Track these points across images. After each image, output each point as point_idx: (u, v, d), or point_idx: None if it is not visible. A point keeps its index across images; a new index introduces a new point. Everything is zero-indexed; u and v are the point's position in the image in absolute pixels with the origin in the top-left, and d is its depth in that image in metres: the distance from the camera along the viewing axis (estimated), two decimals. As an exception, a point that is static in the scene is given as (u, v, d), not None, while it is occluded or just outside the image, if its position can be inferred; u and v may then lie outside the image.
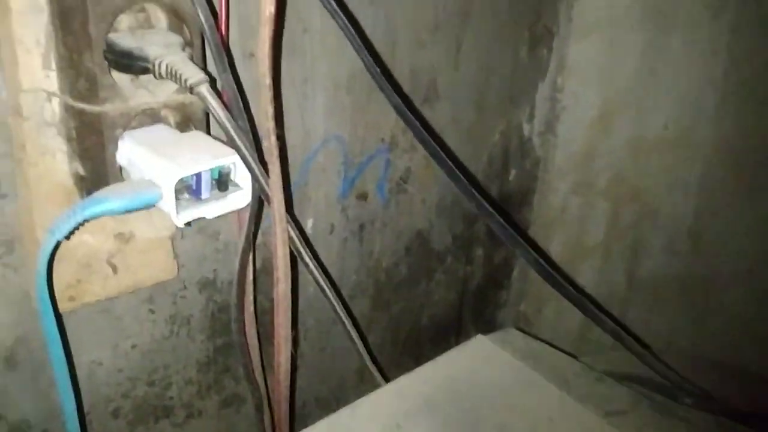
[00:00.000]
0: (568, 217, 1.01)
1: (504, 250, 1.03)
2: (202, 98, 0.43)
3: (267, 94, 0.40)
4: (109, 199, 0.43)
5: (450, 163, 0.54)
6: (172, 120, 0.49)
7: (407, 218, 0.86)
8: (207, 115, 0.49)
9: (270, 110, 0.41)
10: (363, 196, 0.79)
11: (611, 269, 1.01)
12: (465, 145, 0.89)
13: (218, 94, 0.44)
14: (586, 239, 1.02)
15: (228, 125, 0.43)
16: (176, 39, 0.47)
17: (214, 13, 0.48)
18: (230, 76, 0.42)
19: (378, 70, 0.46)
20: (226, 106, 0.44)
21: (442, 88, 0.82)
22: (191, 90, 0.43)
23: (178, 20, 0.46)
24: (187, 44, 0.47)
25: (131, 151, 0.46)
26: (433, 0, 0.77)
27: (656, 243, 0.96)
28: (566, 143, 0.98)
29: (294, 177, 0.70)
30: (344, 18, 0.44)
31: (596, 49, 0.92)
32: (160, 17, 0.47)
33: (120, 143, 0.47)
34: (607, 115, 0.95)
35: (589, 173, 0.99)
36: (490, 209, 0.55)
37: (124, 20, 0.46)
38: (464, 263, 0.97)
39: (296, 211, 0.72)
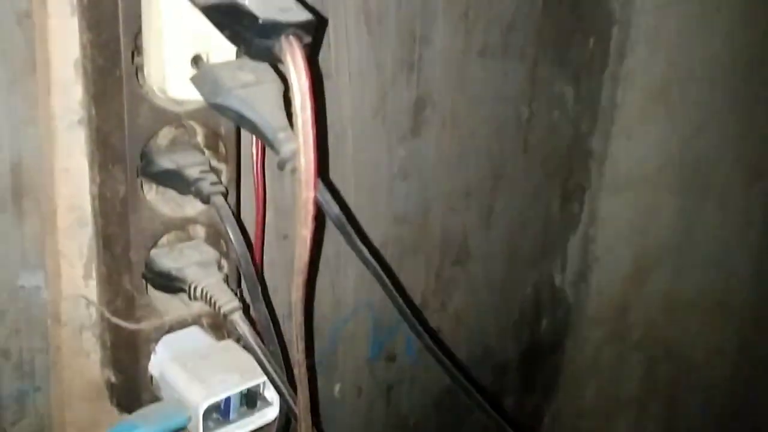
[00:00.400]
0: (601, 367, 0.99)
1: (536, 398, 1.00)
2: (235, 325, 0.44)
3: (299, 331, 0.41)
4: (139, 427, 0.43)
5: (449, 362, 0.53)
6: (205, 323, 0.50)
7: (437, 375, 0.85)
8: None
9: (301, 344, 0.41)
10: (392, 358, 0.79)
11: (647, 426, 0.97)
12: (496, 300, 0.88)
13: (251, 321, 0.45)
14: (620, 392, 0.99)
15: (259, 352, 0.44)
16: (213, 254, 0.48)
17: (247, 238, 0.49)
18: (263, 305, 0.43)
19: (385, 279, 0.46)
20: (257, 332, 0.44)
21: (474, 248, 0.83)
22: (224, 316, 0.44)
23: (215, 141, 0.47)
24: (224, 256, 0.49)
25: (163, 364, 0.47)
26: (465, 167, 0.78)
27: (693, 403, 0.93)
28: (599, 293, 0.97)
29: (323, 345, 0.70)
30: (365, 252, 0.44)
31: (629, 206, 0.92)
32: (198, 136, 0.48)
33: (153, 355, 0.47)
34: (641, 270, 0.94)
35: (623, 325, 0.97)
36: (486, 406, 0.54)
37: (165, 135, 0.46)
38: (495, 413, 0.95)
39: (324, 378, 0.71)
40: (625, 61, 0.85)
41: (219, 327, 0.50)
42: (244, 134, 0.51)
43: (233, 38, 0.36)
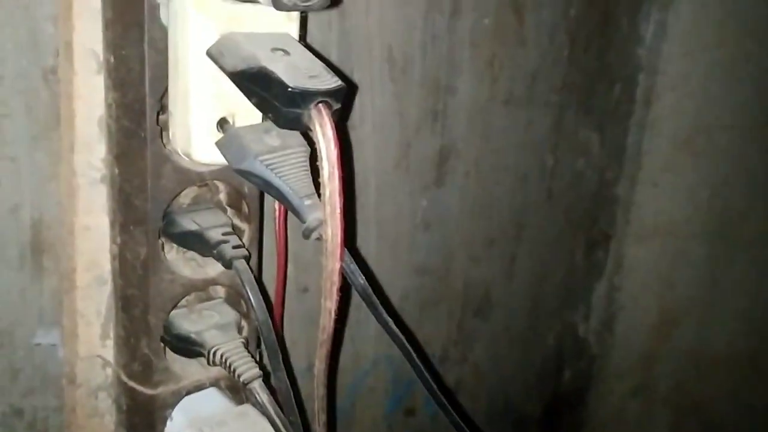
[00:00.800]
0: (626, 422, 0.96)
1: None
2: (255, 394, 0.42)
3: (321, 405, 0.40)
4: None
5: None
6: (223, 384, 0.49)
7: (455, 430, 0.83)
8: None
9: (322, 417, 0.40)
10: (410, 412, 0.77)
11: (674, 484, 0.94)
12: (518, 351, 0.86)
13: (271, 390, 0.43)
14: (646, 447, 0.95)
15: (278, 422, 0.42)
16: (233, 316, 0.47)
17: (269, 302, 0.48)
18: (284, 374, 0.42)
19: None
20: (277, 401, 0.43)
21: (495, 298, 0.81)
22: (244, 384, 0.43)
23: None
24: (244, 317, 0.47)
25: (179, 430, 0.45)
26: (488, 217, 0.77)
27: (723, 463, 0.89)
28: (624, 344, 0.95)
29: (341, 401, 0.68)
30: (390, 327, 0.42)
31: (655, 255, 0.90)
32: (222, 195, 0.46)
33: (169, 421, 0.46)
34: (668, 321, 0.91)
35: (648, 378, 0.94)
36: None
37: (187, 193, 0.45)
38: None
39: (341, 432, 0.69)
40: (651, 108, 0.84)
41: (238, 390, 0.49)
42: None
43: (261, 106, 0.35)
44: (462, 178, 0.71)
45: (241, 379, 0.42)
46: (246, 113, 0.39)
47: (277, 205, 0.50)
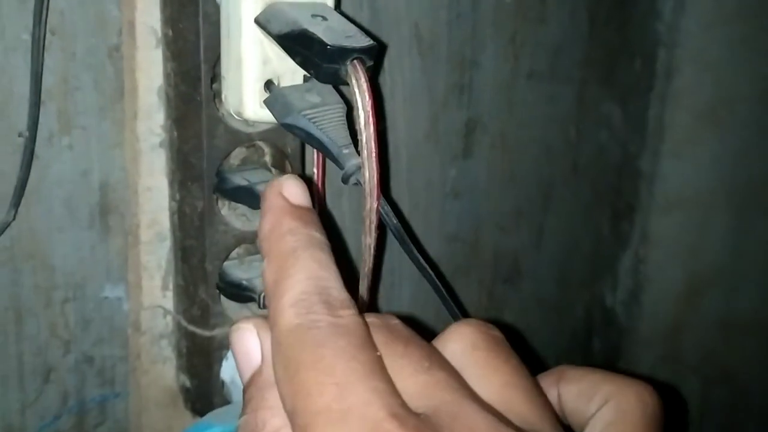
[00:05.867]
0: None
1: None
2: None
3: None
4: (214, 426, 0.46)
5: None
6: (271, 332, 0.53)
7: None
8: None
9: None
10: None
11: (705, 450, 0.96)
12: (549, 320, 0.89)
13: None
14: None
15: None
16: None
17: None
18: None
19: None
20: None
21: (525, 267, 0.84)
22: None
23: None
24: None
25: (234, 370, 0.50)
26: (515, 187, 0.80)
27: (749, 428, 0.91)
28: (652, 314, 0.97)
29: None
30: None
31: (680, 226, 0.92)
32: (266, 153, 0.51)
33: (224, 362, 0.51)
34: (694, 291, 0.94)
35: (677, 347, 0.96)
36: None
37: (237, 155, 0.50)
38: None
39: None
40: (672, 81, 0.87)
41: (284, 336, 0.53)
42: (308, 155, 0.54)
43: (304, 63, 0.40)
44: (488, 149, 0.75)
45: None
46: (289, 75, 0.44)
47: (316, 168, 0.55)
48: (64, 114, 0.48)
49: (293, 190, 0.31)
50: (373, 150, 0.39)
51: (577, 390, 0.30)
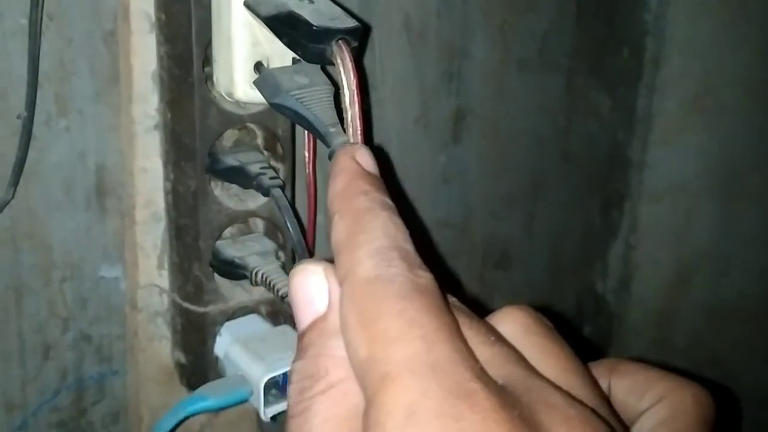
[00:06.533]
0: (646, 375, 1.00)
1: None
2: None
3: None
4: (208, 398, 0.48)
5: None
6: (263, 311, 0.55)
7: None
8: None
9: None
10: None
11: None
12: (539, 306, 0.91)
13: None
14: (667, 399, 0.99)
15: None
16: (271, 246, 0.53)
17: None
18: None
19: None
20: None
21: (515, 253, 0.86)
22: (282, 298, 0.49)
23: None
24: (281, 248, 0.54)
25: (227, 346, 0.52)
26: (505, 175, 0.82)
27: (738, 410, 0.93)
28: (642, 301, 0.99)
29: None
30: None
31: (669, 213, 0.94)
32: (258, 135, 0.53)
33: (218, 338, 0.52)
34: (683, 277, 0.95)
35: (666, 333, 0.98)
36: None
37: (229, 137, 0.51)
38: None
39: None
40: (659, 70, 0.88)
41: (276, 314, 0.55)
42: (298, 138, 0.56)
43: (291, 44, 0.42)
44: (478, 136, 0.77)
45: (280, 294, 0.49)
46: (279, 57, 0.45)
47: (306, 151, 0.57)
48: (61, 97, 0.50)
49: (366, 159, 0.30)
50: (359, 128, 0.40)
51: (630, 384, 0.29)
